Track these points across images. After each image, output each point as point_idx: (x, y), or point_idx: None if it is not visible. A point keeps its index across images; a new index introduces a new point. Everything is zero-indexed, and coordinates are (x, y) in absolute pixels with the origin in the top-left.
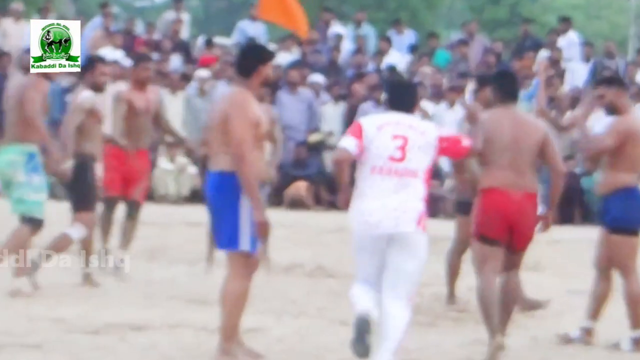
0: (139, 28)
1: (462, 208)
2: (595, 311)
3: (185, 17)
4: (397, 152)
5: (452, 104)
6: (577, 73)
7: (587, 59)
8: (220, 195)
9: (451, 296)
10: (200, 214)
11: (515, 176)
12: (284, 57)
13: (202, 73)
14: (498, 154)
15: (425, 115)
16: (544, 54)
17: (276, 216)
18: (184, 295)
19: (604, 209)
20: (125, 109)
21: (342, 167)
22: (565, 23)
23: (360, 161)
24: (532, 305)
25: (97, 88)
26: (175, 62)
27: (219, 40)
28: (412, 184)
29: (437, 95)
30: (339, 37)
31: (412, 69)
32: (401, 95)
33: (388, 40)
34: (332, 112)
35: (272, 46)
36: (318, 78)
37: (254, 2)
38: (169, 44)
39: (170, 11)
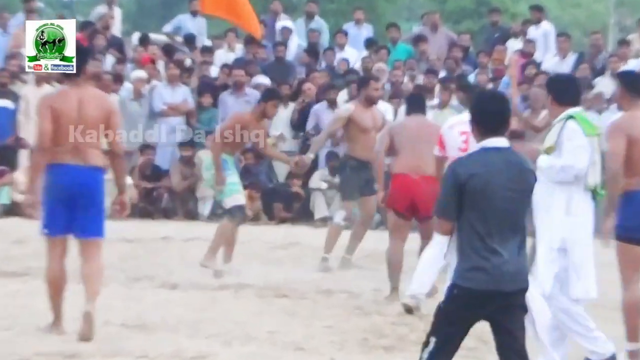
0: None
1: None
2: None
3: (117, 11)
4: (463, 144)
5: None
6: (552, 68)
7: (563, 52)
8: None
9: None
10: (137, 229)
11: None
12: (226, 56)
13: (138, 74)
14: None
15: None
16: (514, 45)
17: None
18: (118, 319)
19: None
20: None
21: (439, 165)
22: (538, 12)
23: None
24: None
25: (371, 101)
26: (108, 61)
27: (155, 36)
28: None
29: (397, 95)
30: (286, 31)
31: (367, 66)
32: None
33: (345, 34)
34: (280, 114)
35: (209, 43)
36: (263, 79)
37: None
38: (102, 42)
39: (101, 5)
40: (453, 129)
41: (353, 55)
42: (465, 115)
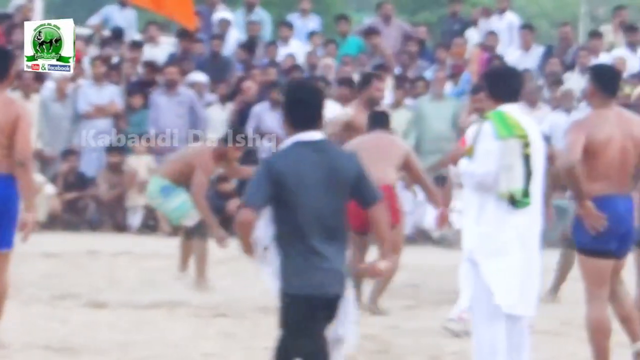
0: None
1: None
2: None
3: (39, 2)
4: None
5: None
6: (515, 62)
7: (526, 45)
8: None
9: None
10: (60, 242)
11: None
12: (151, 51)
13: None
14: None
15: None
16: (473, 36)
17: (153, 245)
18: (42, 342)
19: None
20: None
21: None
22: (502, 0)
23: None
24: None
25: (373, 103)
26: None
27: (79, 30)
28: None
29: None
30: (224, 24)
31: (312, 61)
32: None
33: (289, 26)
34: (217, 116)
35: (138, 37)
36: (199, 77)
37: None
38: (21, 36)
39: None
40: None
41: (299, 49)
42: None
